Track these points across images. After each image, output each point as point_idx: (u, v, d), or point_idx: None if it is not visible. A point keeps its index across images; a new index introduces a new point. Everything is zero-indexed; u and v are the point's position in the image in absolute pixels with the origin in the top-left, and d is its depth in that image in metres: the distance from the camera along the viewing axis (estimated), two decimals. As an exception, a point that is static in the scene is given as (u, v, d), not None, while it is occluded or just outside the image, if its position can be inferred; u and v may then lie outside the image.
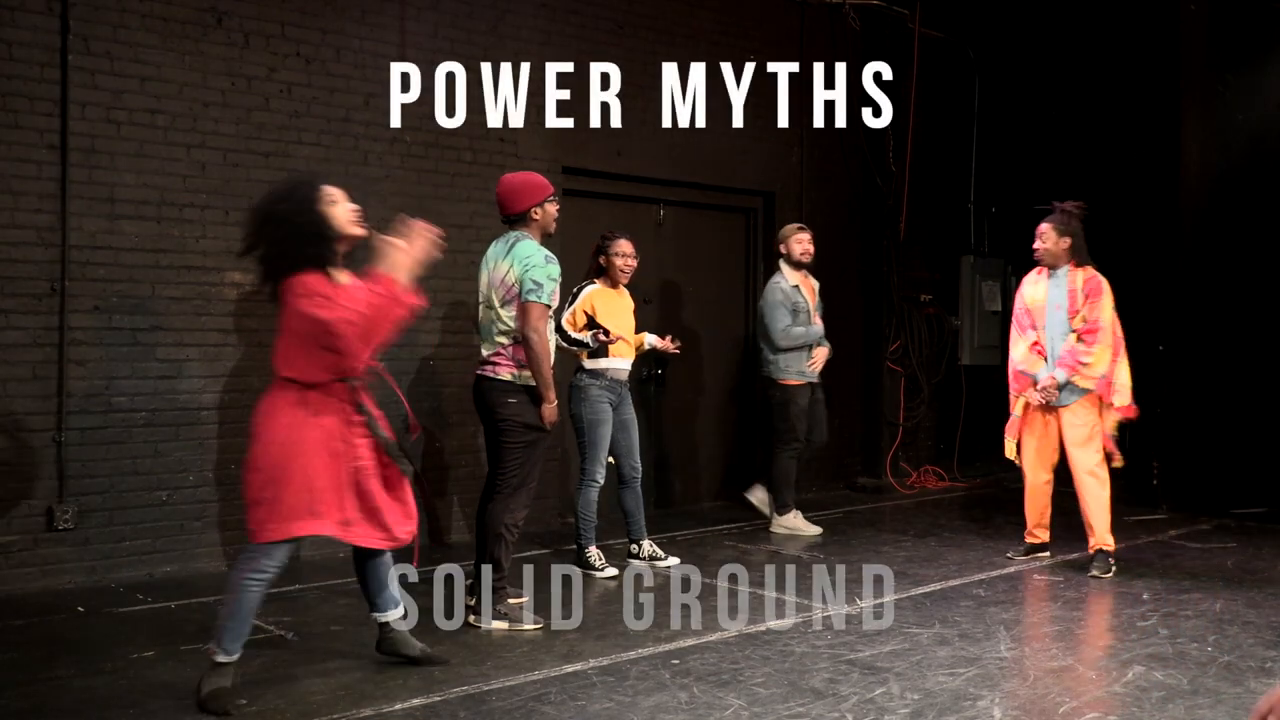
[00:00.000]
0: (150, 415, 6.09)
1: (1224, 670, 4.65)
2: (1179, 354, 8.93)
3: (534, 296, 5.08)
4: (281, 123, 6.53)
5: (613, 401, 6.42)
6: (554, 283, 5.16)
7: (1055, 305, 6.42)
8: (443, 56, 6.84)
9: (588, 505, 6.34)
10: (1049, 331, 6.43)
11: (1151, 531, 7.74)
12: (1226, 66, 8.82)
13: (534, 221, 5.30)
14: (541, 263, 5.14)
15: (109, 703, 4.15)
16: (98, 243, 5.94)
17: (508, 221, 5.34)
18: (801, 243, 7.53)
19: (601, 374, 6.37)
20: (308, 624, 5.23)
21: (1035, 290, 6.52)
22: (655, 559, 6.48)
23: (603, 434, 6.33)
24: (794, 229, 7.59)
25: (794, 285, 7.51)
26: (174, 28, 6.16)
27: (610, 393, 6.39)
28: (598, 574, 6.18)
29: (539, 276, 5.10)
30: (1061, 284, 6.43)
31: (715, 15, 8.55)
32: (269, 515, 4.07)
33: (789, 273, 7.54)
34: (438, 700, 4.20)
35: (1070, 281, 6.41)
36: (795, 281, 7.52)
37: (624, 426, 6.47)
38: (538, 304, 5.09)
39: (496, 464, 5.26)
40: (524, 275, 5.12)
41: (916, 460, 9.96)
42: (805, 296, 7.55)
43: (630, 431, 6.50)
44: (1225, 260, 8.73)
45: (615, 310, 6.45)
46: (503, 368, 5.20)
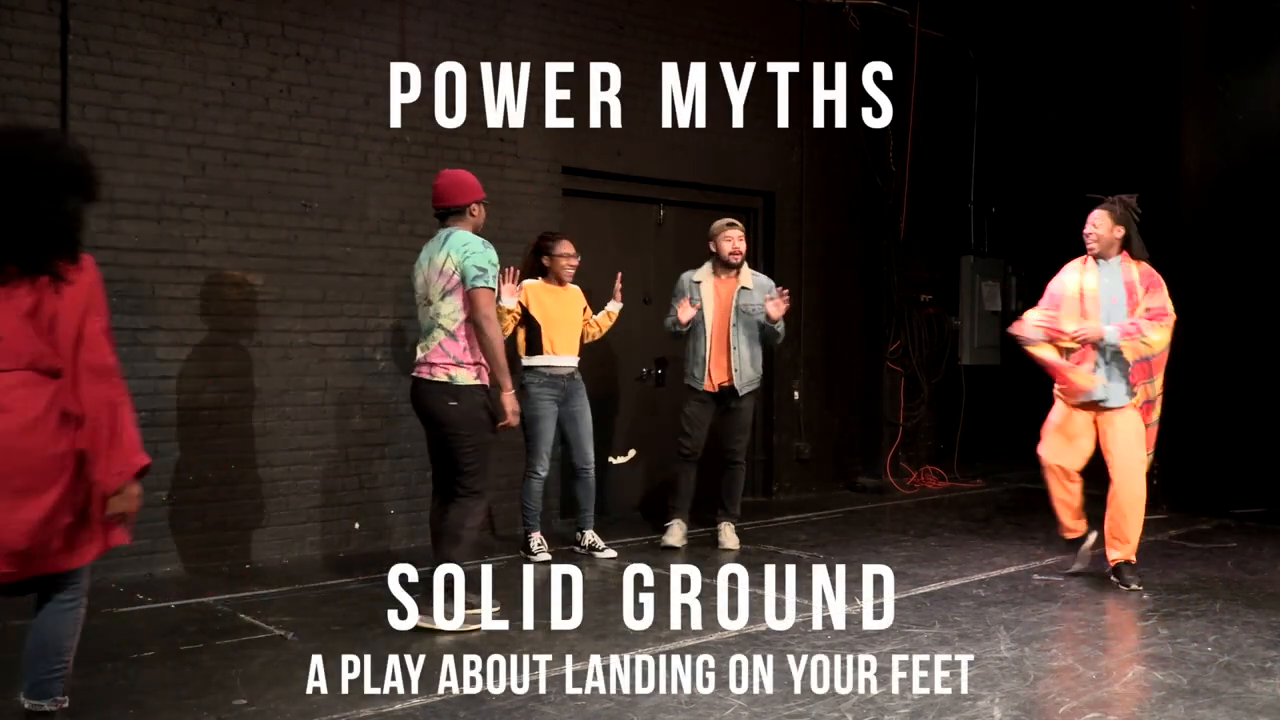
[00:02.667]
0: (150, 415, 6.09)
1: (1224, 670, 4.65)
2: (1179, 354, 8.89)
3: (481, 282, 5.06)
4: (281, 123, 6.53)
5: (556, 397, 6.61)
6: (495, 268, 5.16)
7: (1112, 298, 6.04)
8: (443, 56, 6.84)
9: (529, 494, 6.65)
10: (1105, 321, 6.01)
11: (1151, 531, 7.70)
12: (1226, 66, 8.82)
13: (471, 218, 5.30)
14: (481, 249, 5.13)
15: (109, 703, 4.15)
16: (98, 243, 5.92)
17: (443, 215, 5.31)
18: (730, 240, 6.94)
19: (539, 370, 6.58)
20: (308, 624, 5.23)
21: (1085, 278, 6.10)
22: (595, 549, 6.70)
23: (542, 428, 6.56)
24: (723, 224, 7.03)
25: (698, 281, 6.99)
26: (174, 28, 6.16)
27: (551, 388, 6.59)
28: (533, 559, 6.50)
29: (481, 262, 5.08)
30: (1116, 274, 6.09)
31: (715, 15, 8.55)
32: None
33: (706, 269, 7.03)
34: (438, 700, 4.20)
35: (1125, 273, 6.09)
36: (701, 278, 6.99)
37: (571, 419, 6.67)
38: (485, 289, 5.07)
39: (449, 468, 5.22)
40: (465, 262, 5.08)
41: (916, 460, 9.96)
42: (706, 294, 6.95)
43: (578, 424, 6.69)
44: (1225, 260, 8.73)
45: (555, 305, 6.62)
46: (438, 369, 5.15)
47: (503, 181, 7.39)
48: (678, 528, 7.04)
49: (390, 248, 6.94)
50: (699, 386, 6.98)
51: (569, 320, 6.66)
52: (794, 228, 9.20)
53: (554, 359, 6.57)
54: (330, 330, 6.75)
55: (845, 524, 8.05)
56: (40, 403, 3.41)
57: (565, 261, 6.65)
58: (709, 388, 6.97)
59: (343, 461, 6.78)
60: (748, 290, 6.98)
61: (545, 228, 7.62)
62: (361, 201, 6.83)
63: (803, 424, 9.29)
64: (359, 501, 6.83)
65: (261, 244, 6.48)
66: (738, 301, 6.95)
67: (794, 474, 9.27)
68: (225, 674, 4.49)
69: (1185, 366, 8.89)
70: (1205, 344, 8.79)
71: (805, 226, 9.26)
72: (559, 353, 6.59)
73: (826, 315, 9.49)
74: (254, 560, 6.41)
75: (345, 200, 6.77)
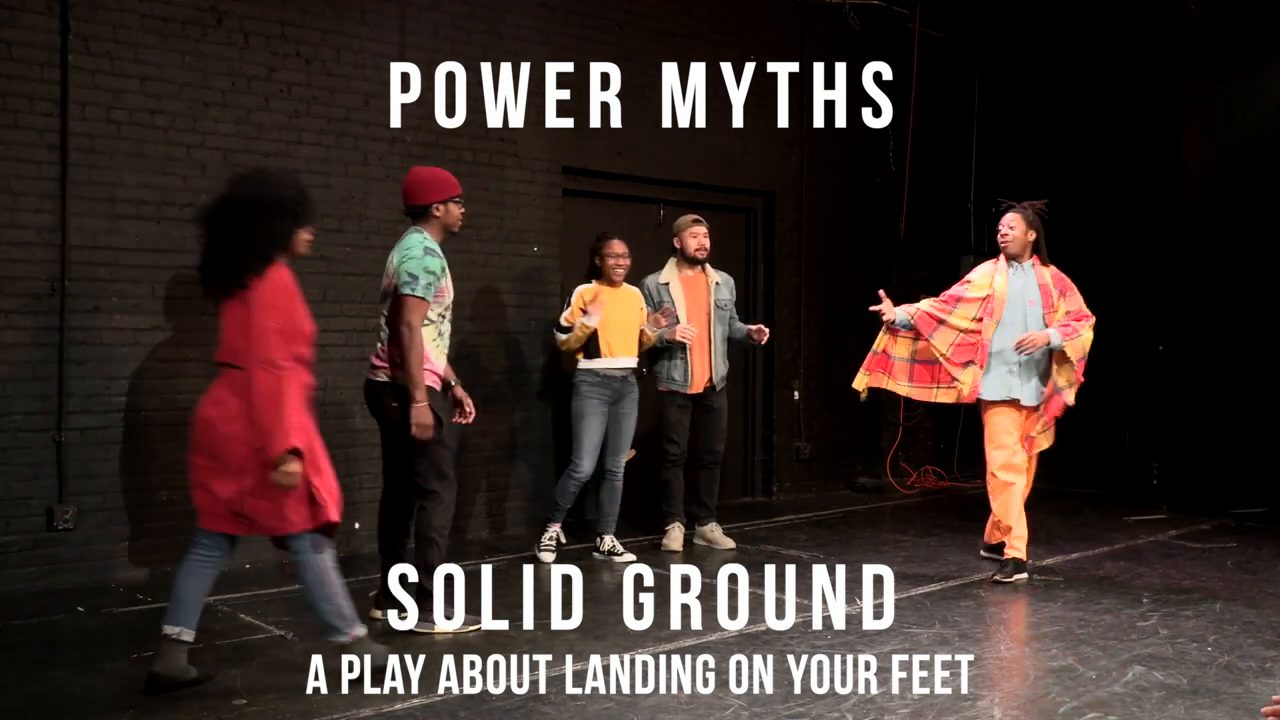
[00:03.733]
0: (150, 415, 6.09)
1: (1224, 670, 4.65)
2: (1179, 354, 8.93)
3: (407, 289, 4.97)
4: (281, 123, 6.53)
5: (607, 398, 6.57)
6: (432, 276, 5.02)
7: (1028, 300, 6.27)
8: (443, 56, 6.84)
9: (562, 491, 6.61)
10: (1017, 325, 6.22)
11: (1151, 531, 7.74)
12: (1226, 67, 8.82)
13: (434, 219, 5.21)
14: (419, 255, 5.02)
15: (109, 703, 4.15)
16: (98, 243, 5.94)
17: (409, 214, 5.29)
18: (696, 236, 6.90)
19: (594, 372, 6.56)
20: (308, 624, 5.22)
21: (997, 280, 6.32)
22: (614, 554, 6.63)
23: (586, 427, 6.52)
24: (689, 221, 6.98)
25: (664, 283, 6.92)
26: (174, 28, 6.15)
27: (604, 389, 6.56)
28: (539, 552, 6.55)
29: (414, 269, 4.99)
30: (1030, 277, 6.33)
31: (715, 15, 8.55)
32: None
33: (669, 269, 6.97)
34: (438, 700, 4.20)
35: (1039, 276, 6.34)
36: (668, 279, 6.93)
37: (616, 420, 6.63)
38: (410, 297, 4.97)
39: (403, 469, 5.21)
40: (400, 266, 5.03)
41: (916, 460, 9.96)
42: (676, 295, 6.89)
43: (621, 427, 6.64)
44: (1225, 260, 8.73)
45: (611, 307, 6.55)
46: (381, 370, 5.14)
47: (503, 181, 7.39)
48: (677, 531, 7.03)
49: (390, 248, 6.88)
50: (682, 389, 6.91)
51: (625, 322, 6.59)
52: (794, 228, 9.20)
53: (611, 361, 6.55)
54: (330, 330, 6.73)
55: (845, 524, 8.06)
56: (242, 396, 4.10)
57: (614, 262, 6.59)
58: (694, 389, 6.93)
59: (343, 461, 6.75)
60: (719, 286, 7.07)
61: (545, 228, 7.63)
62: (361, 201, 6.83)
63: (803, 424, 9.29)
64: (359, 501, 6.82)
65: (261, 244, 6.47)
66: (715, 298, 7.01)
67: (794, 474, 9.27)
68: (225, 674, 4.48)
69: (1185, 366, 8.92)
70: (1205, 344, 8.80)
71: (805, 226, 9.25)
72: (616, 354, 6.56)
73: (826, 315, 9.48)
74: (254, 560, 6.41)
75: (345, 200, 6.77)
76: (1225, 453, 8.60)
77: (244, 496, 4.14)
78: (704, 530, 7.12)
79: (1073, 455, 9.01)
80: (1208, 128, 8.94)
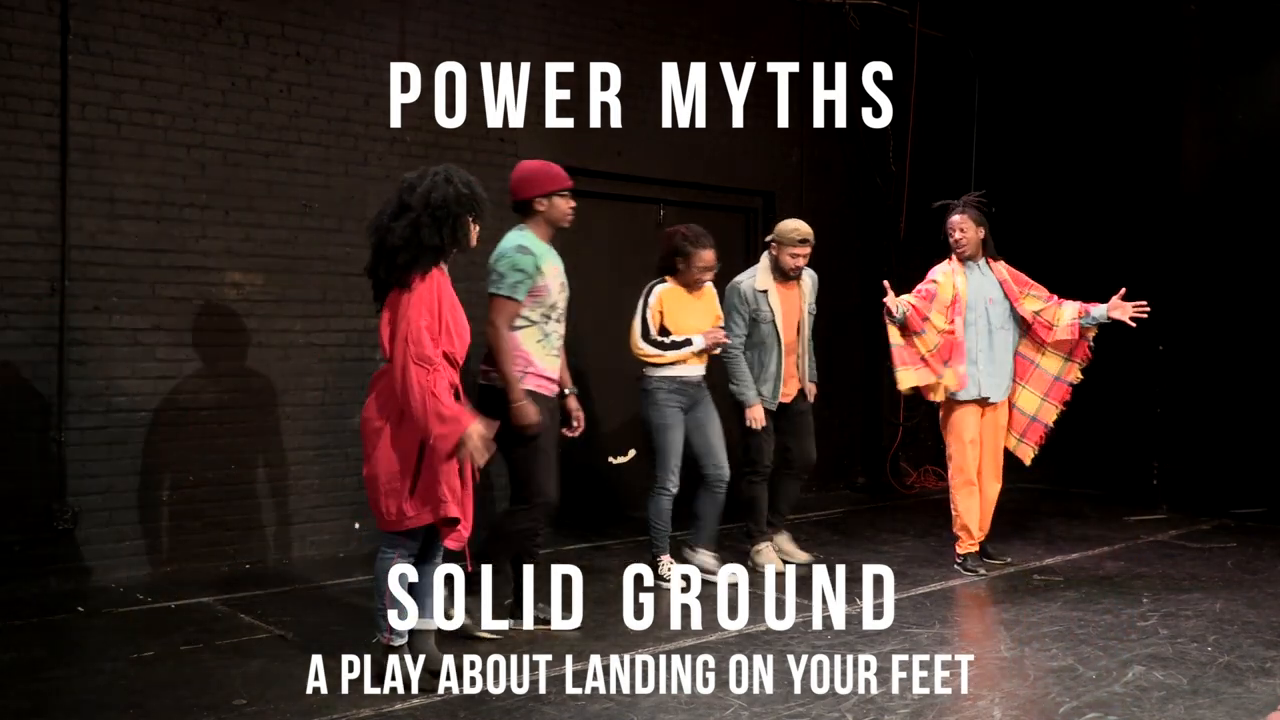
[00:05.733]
0: (150, 415, 6.09)
1: (1224, 670, 4.65)
2: (1179, 354, 8.93)
3: (493, 288, 4.92)
4: (281, 123, 6.53)
5: (684, 405, 6.10)
6: (522, 274, 4.90)
7: (989, 299, 6.31)
8: (443, 56, 6.84)
9: (658, 514, 6.08)
10: (980, 324, 6.28)
11: (1151, 531, 7.74)
12: (1226, 67, 8.82)
13: (538, 214, 5.09)
14: (509, 253, 4.94)
15: (109, 703, 4.15)
16: (98, 243, 5.94)
17: (515, 211, 5.19)
18: (796, 258, 6.47)
19: (672, 379, 6.06)
20: (308, 624, 5.23)
21: (957, 280, 6.32)
22: (706, 570, 6.08)
23: (670, 439, 6.02)
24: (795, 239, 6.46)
25: (763, 290, 6.47)
26: (174, 28, 6.16)
27: (680, 395, 6.07)
28: (665, 584, 5.90)
29: (501, 267, 4.93)
30: (987, 275, 6.38)
31: (715, 15, 8.55)
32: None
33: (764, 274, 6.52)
34: (438, 700, 4.20)
35: (997, 273, 6.39)
36: (765, 286, 6.49)
37: (698, 426, 6.13)
38: (495, 296, 4.90)
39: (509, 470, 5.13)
40: (490, 264, 4.98)
41: (916, 460, 9.96)
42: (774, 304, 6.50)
43: (706, 430, 6.14)
44: (1225, 260, 8.73)
45: (688, 311, 6.13)
46: (486, 373, 5.05)
47: (503, 181, 7.33)
48: (770, 550, 6.54)
49: (390, 248, 6.93)
50: (770, 405, 6.47)
51: (703, 328, 6.14)
52: (794, 228, 9.19)
53: (690, 368, 6.08)
54: (330, 330, 6.75)
55: (845, 524, 8.06)
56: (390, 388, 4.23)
57: (700, 274, 6.11)
58: (783, 399, 6.53)
59: (343, 461, 6.77)
60: (810, 289, 6.73)
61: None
62: (361, 201, 6.82)
63: (803, 424, 9.27)
64: (359, 501, 6.81)
65: (261, 244, 6.48)
66: (807, 304, 6.66)
67: (794, 474, 9.25)
68: (225, 674, 4.49)
69: (1185, 366, 8.92)
70: (1205, 344, 8.80)
71: (805, 226, 9.24)
72: (693, 359, 6.10)
73: (826, 315, 9.46)
74: (254, 560, 6.41)
75: (345, 200, 6.77)
76: (1225, 453, 8.60)
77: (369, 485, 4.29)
78: (776, 541, 6.67)
79: (1073, 455, 9.03)
80: (1208, 128, 8.94)
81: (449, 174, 4.45)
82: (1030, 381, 6.45)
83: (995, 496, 6.53)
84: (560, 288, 5.13)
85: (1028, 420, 6.45)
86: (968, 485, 6.40)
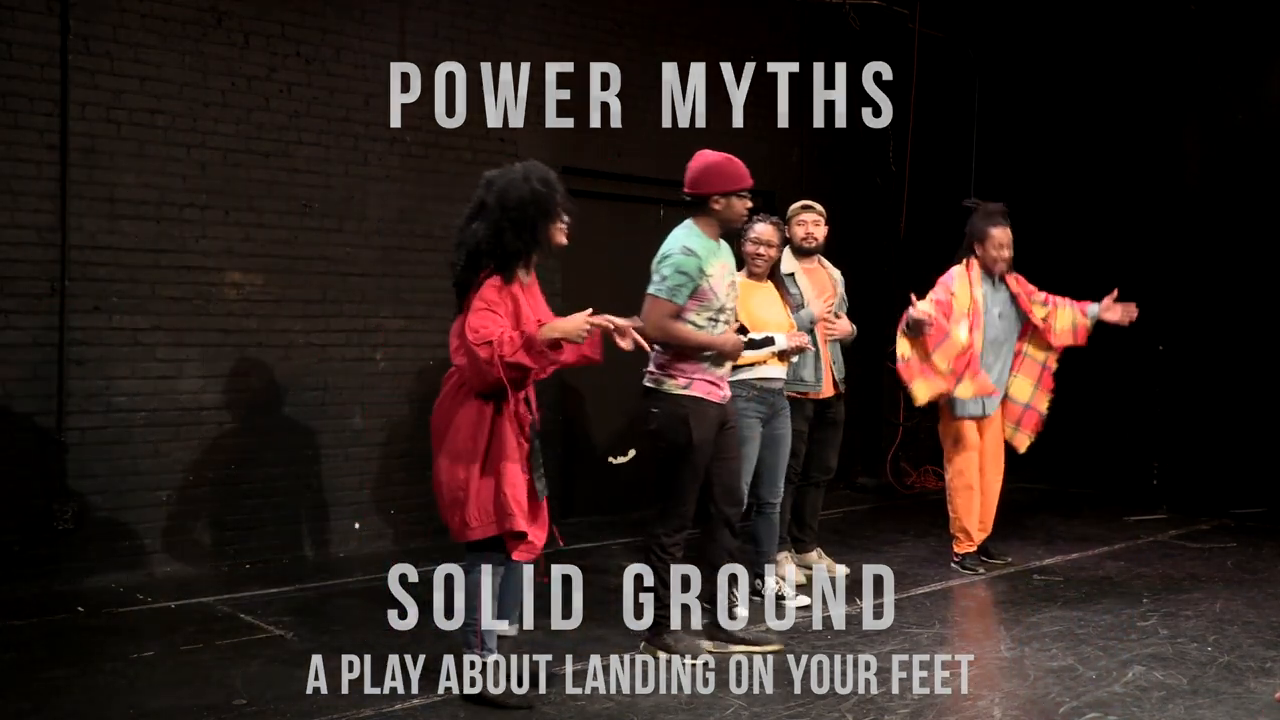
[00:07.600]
0: (150, 415, 6.09)
1: (1224, 670, 4.65)
2: (1179, 354, 8.93)
3: (652, 288, 4.65)
4: (281, 123, 6.53)
5: (763, 415, 5.45)
6: (684, 277, 4.58)
7: (999, 314, 6.33)
8: (443, 56, 6.82)
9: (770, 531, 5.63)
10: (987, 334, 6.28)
11: (1151, 531, 7.74)
12: (1226, 67, 8.83)
13: (712, 212, 4.74)
14: (674, 253, 4.62)
15: (109, 703, 4.15)
16: (98, 243, 5.94)
17: (687, 203, 4.86)
18: (804, 224, 6.23)
19: (749, 384, 5.38)
20: (308, 624, 5.23)
21: (975, 291, 6.30)
22: (781, 597, 5.62)
23: (747, 453, 5.30)
24: (797, 207, 6.36)
25: (789, 272, 6.06)
26: (174, 28, 6.16)
27: (759, 404, 5.42)
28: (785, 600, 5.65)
29: (664, 268, 4.63)
30: (1000, 289, 6.38)
31: (715, 15, 8.55)
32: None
33: (788, 257, 6.14)
34: (438, 700, 4.20)
35: (1010, 286, 6.40)
36: (791, 268, 6.12)
37: (773, 442, 5.51)
38: (652, 297, 4.62)
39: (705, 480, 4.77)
40: (655, 264, 4.71)
41: (916, 460, 9.95)
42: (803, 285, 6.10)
43: (777, 450, 5.55)
44: (1225, 260, 8.74)
45: (761, 303, 5.59)
46: (648, 374, 4.77)
47: (503, 181, 7.38)
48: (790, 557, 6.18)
49: (390, 248, 6.95)
50: (814, 390, 5.99)
51: (778, 324, 5.54)
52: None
53: (767, 370, 5.42)
54: (330, 330, 6.75)
55: (845, 524, 8.05)
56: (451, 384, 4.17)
57: (753, 249, 5.59)
58: (827, 392, 6.09)
59: (343, 461, 6.77)
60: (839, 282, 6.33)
61: (545, 228, 7.60)
62: (361, 201, 6.83)
63: (803, 424, 9.27)
64: (359, 501, 6.83)
65: (261, 244, 6.48)
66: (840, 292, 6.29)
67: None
68: (225, 674, 4.49)
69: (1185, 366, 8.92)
70: (1205, 344, 8.80)
71: (805, 226, 9.24)
72: (770, 360, 5.42)
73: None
74: (254, 560, 6.41)
75: (345, 200, 6.77)
76: (1225, 453, 8.61)
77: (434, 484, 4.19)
78: (809, 557, 6.34)
79: (1073, 455, 9.04)
80: (1208, 128, 8.94)
81: (527, 171, 4.27)
82: (1022, 370, 6.47)
83: (998, 490, 6.55)
84: (729, 288, 4.77)
85: (1022, 408, 6.47)
86: (966, 489, 6.42)
